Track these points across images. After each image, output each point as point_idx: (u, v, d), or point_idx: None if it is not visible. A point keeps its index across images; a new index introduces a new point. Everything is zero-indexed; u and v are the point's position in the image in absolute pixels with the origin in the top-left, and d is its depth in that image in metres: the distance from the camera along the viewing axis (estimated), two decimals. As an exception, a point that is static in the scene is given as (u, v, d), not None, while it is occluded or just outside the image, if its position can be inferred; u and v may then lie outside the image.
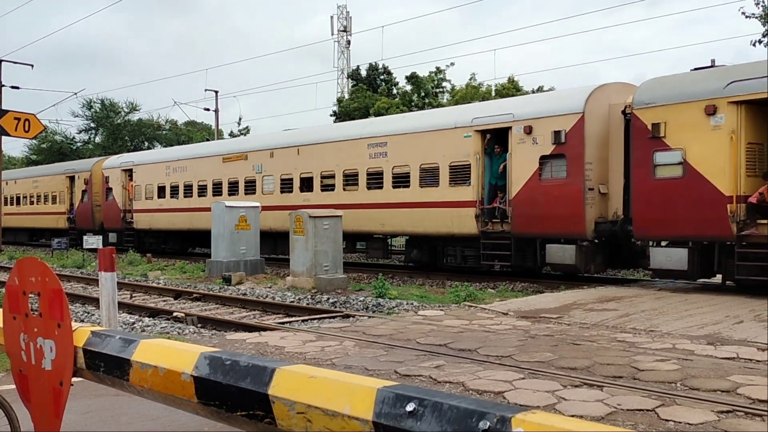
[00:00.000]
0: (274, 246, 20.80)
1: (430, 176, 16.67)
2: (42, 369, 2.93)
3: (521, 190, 14.69)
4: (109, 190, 28.57)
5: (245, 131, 52.95)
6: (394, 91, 47.31)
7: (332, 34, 58.49)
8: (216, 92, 39.87)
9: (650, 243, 13.21)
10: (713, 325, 8.53)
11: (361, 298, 12.81)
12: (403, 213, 16.78)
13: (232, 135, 51.92)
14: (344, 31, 58.89)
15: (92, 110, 50.71)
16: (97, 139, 52.30)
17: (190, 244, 26.82)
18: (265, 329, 9.32)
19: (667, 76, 13.25)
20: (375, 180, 17.97)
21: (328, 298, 13.14)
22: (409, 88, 44.63)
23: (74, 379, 2.89)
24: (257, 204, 19.00)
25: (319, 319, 10.45)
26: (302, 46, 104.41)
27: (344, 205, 17.86)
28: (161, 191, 26.04)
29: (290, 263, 15.39)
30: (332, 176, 19.27)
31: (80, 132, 52.44)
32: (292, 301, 12.94)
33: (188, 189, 24.79)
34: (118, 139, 49.76)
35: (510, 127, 14.96)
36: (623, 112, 13.55)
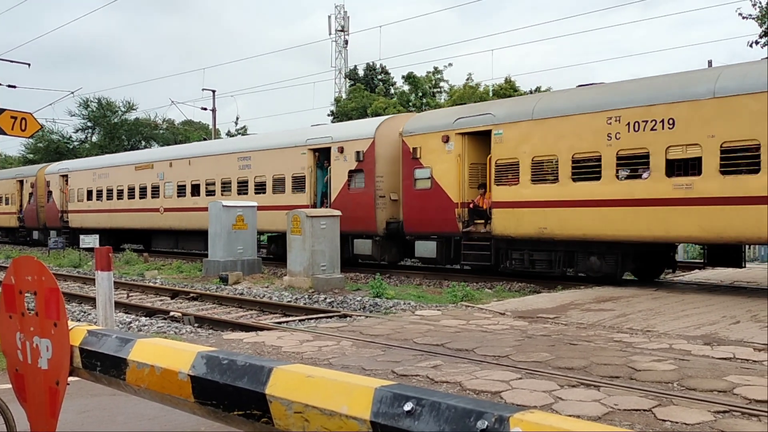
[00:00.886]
0: (176, 242, 25.55)
1: (279, 184, 20.52)
2: (38, 368, 2.92)
3: (337, 196, 18.62)
4: (50, 193, 32.68)
5: (243, 131, 52.90)
6: (392, 91, 47.33)
7: (330, 34, 58.45)
8: (213, 91, 39.83)
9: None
10: (710, 325, 8.55)
11: (359, 298, 12.80)
12: (261, 214, 19.11)
13: (229, 134, 51.87)
14: (342, 30, 58.84)
15: (89, 109, 50.61)
16: (94, 139, 52.21)
17: (119, 241, 29.16)
18: (262, 329, 9.31)
19: (425, 112, 18.56)
20: (243, 187, 21.87)
21: (325, 298, 13.13)
22: (406, 88, 44.65)
23: (70, 379, 2.88)
24: (254, 204, 19.02)
25: (316, 318, 10.44)
26: (299, 45, 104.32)
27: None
28: (89, 194, 29.96)
29: (287, 263, 15.38)
30: (213, 183, 23.10)
31: (77, 131, 52.36)
32: (289, 301, 12.93)
33: (110, 193, 28.63)
34: (114, 139, 49.67)
35: (330, 147, 18.95)
36: None
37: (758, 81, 11.30)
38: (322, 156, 19.38)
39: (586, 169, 13.39)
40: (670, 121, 12.15)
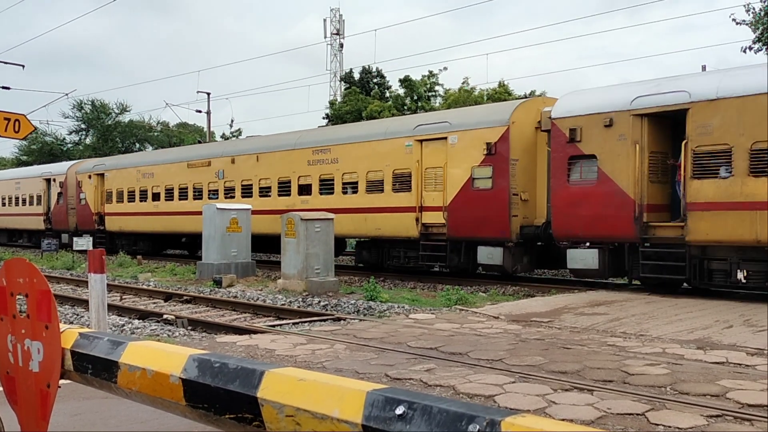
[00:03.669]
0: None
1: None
2: (29, 371, 2.91)
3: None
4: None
5: (237, 133, 52.84)
6: (387, 95, 47.35)
7: (325, 37, 58.46)
8: (208, 94, 39.79)
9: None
10: (703, 329, 8.57)
11: (352, 301, 12.80)
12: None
13: (224, 137, 51.80)
14: (337, 34, 58.85)
15: (83, 111, 50.47)
16: (88, 141, 52.07)
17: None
18: (255, 332, 9.30)
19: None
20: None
21: (319, 301, 13.12)
22: (402, 91, 44.67)
23: (62, 381, 2.87)
24: (248, 206, 19.00)
25: (310, 322, 10.43)
26: (294, 48, 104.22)
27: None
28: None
29: (281, 266, 15.36)
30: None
31: (71, 133, 52.22)
32: (283, 304, 12.91)
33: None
34: (108, 141, 49.54)
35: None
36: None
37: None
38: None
39: None
40: None
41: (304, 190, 19.55)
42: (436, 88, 45.02)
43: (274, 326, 10.06)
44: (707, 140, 11.68)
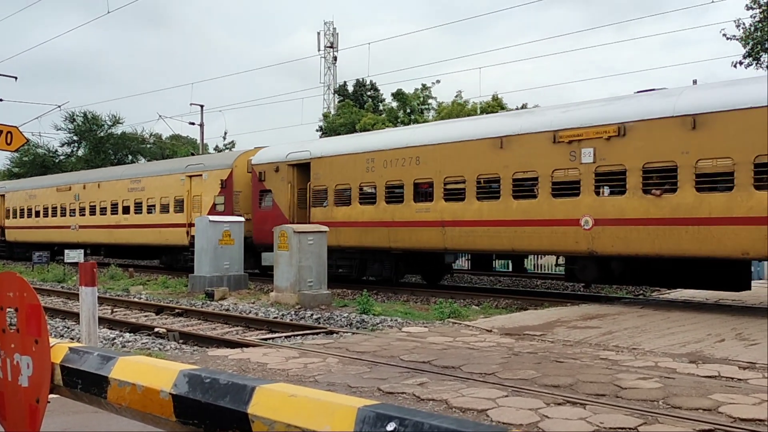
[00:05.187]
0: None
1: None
2: (18, 385, 2.88)
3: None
4: None
5: (231, 145, 52.82)
6: (381, 108, 47.50)
7: (319, 50, 58.71)
8: (201, 106, 39.80)
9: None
10: (695, 343, 8.58)
11: (345, 315, 12.76)
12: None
13: (217, 149, 51.75)
14: (331, 47, 59.12)
15: (75, 123, 50.34)
16: (80, 153, 51.93)
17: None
18: (247, 345, 9.25)
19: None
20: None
21: (312, 314, 13.08)
22: (395, 104, 44.83)
23: (51, 396, 2.85)
24: (241, 219, 19.00)
25: (303, 335, 10.39)
26: (288, 61, 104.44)
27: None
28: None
29: (274, 279, 15.32)
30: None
31: (63, 145, 52.05)
32: (275, 317, 12.85)
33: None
34: (101, 153, 49.40)
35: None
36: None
37: None
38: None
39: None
40: None
41: (126, 210, 26.51)
42: (429, 101, 45.21)
43: (266, 340, 10.02)
44: (318, 182, 18.83)
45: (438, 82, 46.23)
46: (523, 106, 37.78)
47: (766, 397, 5.64)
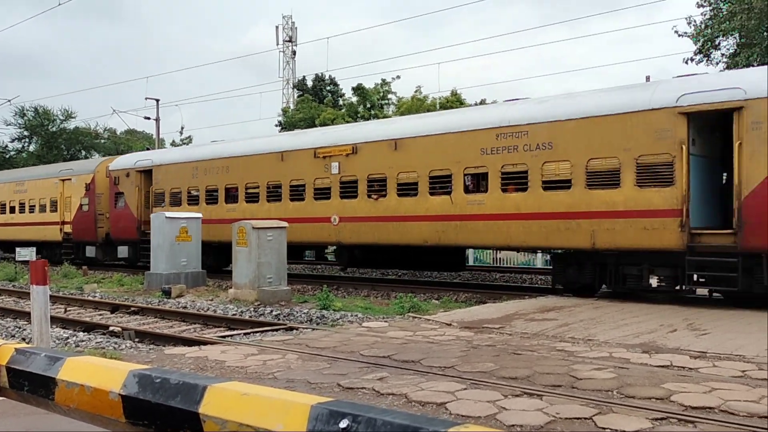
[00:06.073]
0: None
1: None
2: (-38, 389, 2.79)
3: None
4: None
5: (188, 140, 52.01)
6: (341, 103, 47.34)
7: (277, 44, 58.18)
8: (157, 100, 39.09)
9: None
10: (648, 333, 8.78)
11: (305, 311, 12.70)
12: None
13: (173, 144, 50.92)
14: (290, 41, 58.63)
15: (26, 118, 48.97)
16: (31, 148, 50.54)
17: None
18: (205, 343, 9.13)
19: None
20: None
21: (272, 311, 12.98)
22: (355, 99, 44.73)
23: (-3, 399, 2.76)
24: (199, 215, 18.73)
25: (262, 332, 10.30)
26: (246, 55, 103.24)
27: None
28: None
29: (233, 275, 15.16)
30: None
31: (13, 141, 50.59)
32: (234, 314, 12.72)
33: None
34: (53, 148, 48.16)
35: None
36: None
37: None
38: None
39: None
40: None
41: (12, 210, 30.05)
42: (389, 96, 45.23)
43: (224, 337, 9.91)
44: (158, 186, 22.80)
45: (398, 77, 46.51)
46: (482, 102, 38.10)
47: (766, 393, 5.68)
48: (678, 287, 12.27)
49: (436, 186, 15.30)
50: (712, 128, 12.32)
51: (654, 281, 12.64)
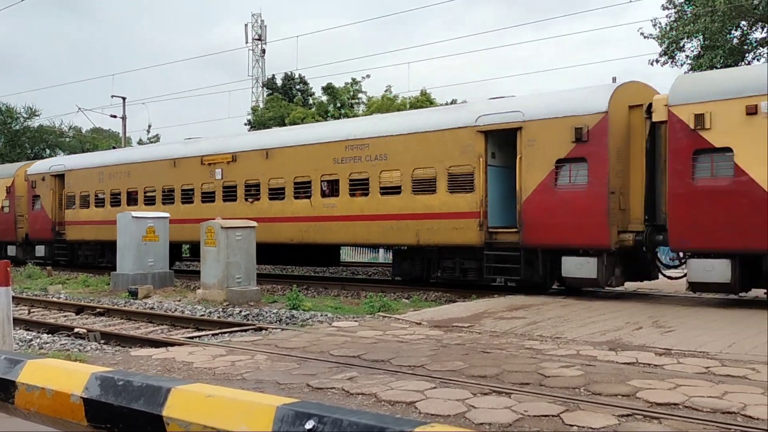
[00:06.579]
0: None
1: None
2: None
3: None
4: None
5: (155, 139, 51.34)
6: (311, 102, 47.16)
7: (247, 43, 57.70)
8: (123, 98, 38.55)
9: None
10: (614, 331, 8.90)
11: (275, 311, 12.62)
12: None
13: (141, 143, 50.23)
14: (259, 39, 58.21)
15: (-13, 116, 47.80)
16: (-6, 146, 49.33)
17: None
18: (172, 344, 9.02)
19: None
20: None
21: (241, 311, 12.87)
22: (325, 98, 44.59)
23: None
24: (166, 214, 18.51)
25: (231, 332, 10.21)
26: (214, 53, 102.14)
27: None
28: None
29: (201, 275, 14.99)
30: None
31: (-26, 138, 49.31)
32: (202, 315, 12.58)
33: None
34: (17, 147, 47.10)
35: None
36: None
37: None
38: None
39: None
40: None
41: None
42: (360, 95, 45.20)
43: (192, 338, 9.79)
44: (69, 190, 24.17)
45: (368, 76, 46.44)
46: (452, 102, 38.28)
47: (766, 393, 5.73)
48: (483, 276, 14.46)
49: (300, 191, 17.39)
50: (508, 143, 14.07)
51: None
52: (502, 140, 14.12)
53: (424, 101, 38.03)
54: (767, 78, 10.99)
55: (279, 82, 49.82)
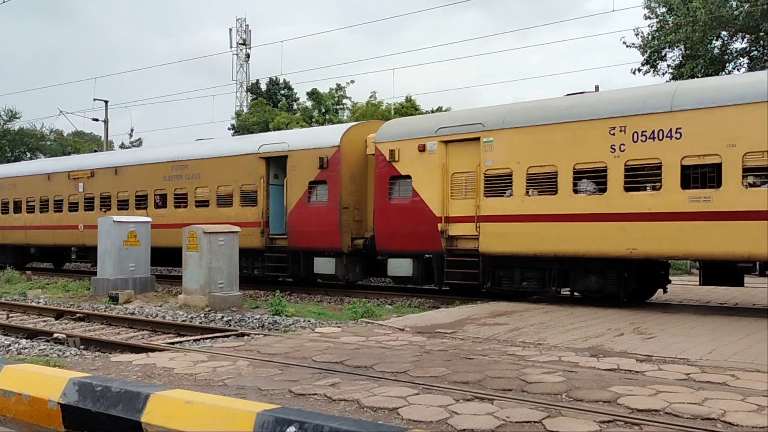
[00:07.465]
0: None
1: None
2: None
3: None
4: None
5: (138, 143, 50.96)
6: (295, 107, 47.05)
7: (231, 47, 57.51)
8: (106, 102, 38.24)
9: None
10: (596, 337, 8.95)
11: (257, 316, 12.55)
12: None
13: (123, 146, 49.84)
14: (243, 44, 58.04)
15: (-34, 119, 47.20)
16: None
17: None
18: (153, 350, 8.93)
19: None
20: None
21: (223, 317, 12.79)
22: (309, 104, 44.50)
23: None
24: (148, 219, 18.38)
25: (213, 338, 10.14)
26: (198, 57, 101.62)
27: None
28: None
29: (183, 281, 14.88)
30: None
31: (-47, 141, 48.62)
32: (183, 320, 12.49)
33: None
34: (-4, 149, 46.56)
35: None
36: None
37: None
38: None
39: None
40: None
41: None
42: (344, 101, 45.15)
43: (173, 344, 9.71)
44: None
45: (353, 82, 46.21)
46: (438, 109, 38.39)
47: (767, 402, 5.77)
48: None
49: (140, 203, 21.22)
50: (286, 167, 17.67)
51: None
52: (283, 165, 17.73)
53: (409, 107, 38.06)
54: (432, 125, 14.85)
55: (263, 86, 49.67)
